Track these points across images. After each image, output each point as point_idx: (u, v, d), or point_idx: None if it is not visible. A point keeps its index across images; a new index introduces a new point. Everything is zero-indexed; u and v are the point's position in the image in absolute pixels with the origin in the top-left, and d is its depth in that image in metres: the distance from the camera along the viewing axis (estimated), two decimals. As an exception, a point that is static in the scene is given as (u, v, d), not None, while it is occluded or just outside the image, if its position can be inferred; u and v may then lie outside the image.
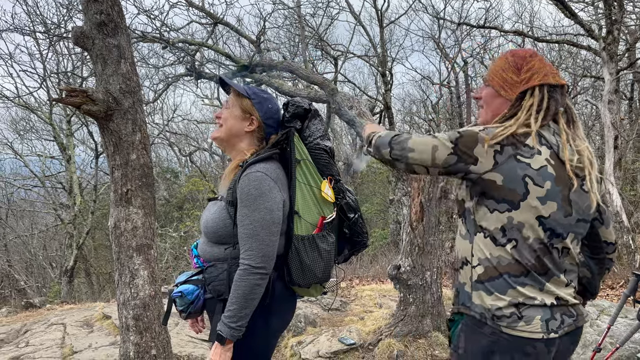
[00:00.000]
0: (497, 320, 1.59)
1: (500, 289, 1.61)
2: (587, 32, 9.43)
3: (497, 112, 1.74)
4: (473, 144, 1.59)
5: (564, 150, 1.63)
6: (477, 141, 1.58)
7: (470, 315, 1.67)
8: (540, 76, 1.68)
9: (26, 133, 16.84)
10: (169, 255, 14.79)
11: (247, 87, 2.00)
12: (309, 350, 4.42)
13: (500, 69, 1.75)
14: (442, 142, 1.61)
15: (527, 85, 1.68)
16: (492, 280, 1.62)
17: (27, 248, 16.84)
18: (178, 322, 5.48)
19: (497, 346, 1.60)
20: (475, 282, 1.66)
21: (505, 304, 1.59)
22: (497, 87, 1.75)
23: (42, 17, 10.48)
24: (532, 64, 1.71)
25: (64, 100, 3.23)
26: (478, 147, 1.58)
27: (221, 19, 7.13)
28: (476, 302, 1.65)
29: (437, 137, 1.63)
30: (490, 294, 1.62)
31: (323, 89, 5.71)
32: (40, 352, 4.96)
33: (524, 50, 1.77)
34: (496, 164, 1.57)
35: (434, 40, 15.18)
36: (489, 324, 1.61)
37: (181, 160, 23.65)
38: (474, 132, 1.61)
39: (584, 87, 14.62)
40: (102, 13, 3.34)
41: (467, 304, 1.69)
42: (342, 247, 2.09)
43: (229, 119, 1.97)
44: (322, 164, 1.98)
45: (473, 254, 1.68)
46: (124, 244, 3.47)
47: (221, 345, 1.78)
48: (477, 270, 1.66)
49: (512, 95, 1.70)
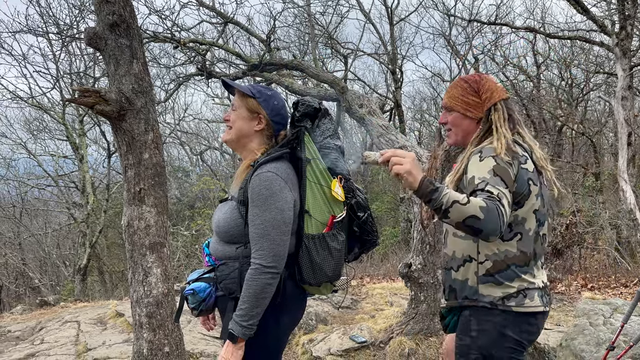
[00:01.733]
0: (507, 302, 1.88)
1: (510, 278, 1.89)
2: (600, 27, 9.33)
3: (467, 131, 2.03)
4: (508, 176, 1.81)
5: (535, 152, 1.95)
6: (507, 171, 1.81)
7: (479, 305, 1.91)
8: (497, 93, 1.98)
9: (39, 133, 17.02)
10: (181, 254, 14.89)
11: (250, 87, 2.01)
12: (320, 347, 4.44)
13: (460, 94, 2.01)
14: (507, 195, 1.76)
15: (490, 103, 1.97)
16: (501, 272, 1.89)
17: (41, 247, 17.03)
18: (190, 319, 5.53)
19: (508, 322, 1.89)
20: (482, 275, 1.91)
21: (515, 290, 1.88)
22: (462, 110, 2.01)
23: (54, 18, 10.56)
24: (487, 85, 2.00)
25: (78, 101, 3.27)
26: (510, 172, 1.81)
27: (231, 18, 7.15)
28: (484, 293, 1.91)
29: (505, 194, 1.75)
30: (500, 284, 1.89)
31: (333, 88, 5.71)
32: (55, 349, 5.03)
33: (473, 75, 2.07)
34: (515, 176, 1.84)
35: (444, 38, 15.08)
36: (499, 308, 1.88)
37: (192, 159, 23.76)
38: (497, 166, 1.80)
39: (597, 83, 14.46)
40: (114, 14, 3.37)
41: (472, 297, 1.93)
42: (352, 246, 2.09)
43: (237, 121, 1.98)
44: (333, 163, 1.99)
45: (479, 251, 1.92)
46: (137, 242, 3.50)
47: (233, 344, 1.80)
48: (485, 265, 1.91)
49: (479, 115, 1.99)
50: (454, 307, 2.05)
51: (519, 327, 1.90)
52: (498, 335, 1.90)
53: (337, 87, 5.49)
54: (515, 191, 1.84)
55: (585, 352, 3.23)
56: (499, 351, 1.91)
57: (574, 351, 3.31)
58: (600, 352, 3.14)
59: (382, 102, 15.60)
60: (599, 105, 16.30)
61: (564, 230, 7.43)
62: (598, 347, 3.23)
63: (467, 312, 1.96)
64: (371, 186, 18.51)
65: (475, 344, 1.93)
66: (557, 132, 14.04)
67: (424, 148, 4.47)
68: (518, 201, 1.86)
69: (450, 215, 1.70)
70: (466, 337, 1.96)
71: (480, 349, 1.92)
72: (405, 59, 16.60)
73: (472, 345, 1.94)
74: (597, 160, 12.58)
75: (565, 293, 6.56)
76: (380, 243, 2.96)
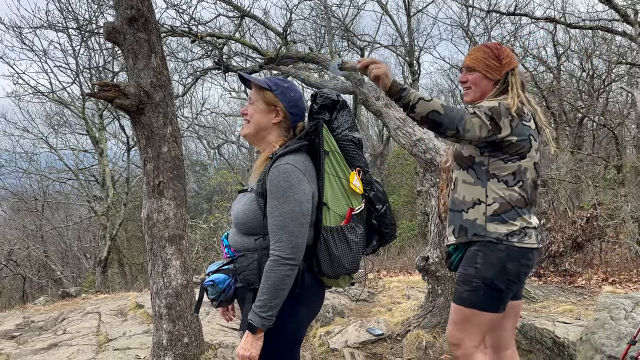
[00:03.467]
0: (510, 238, 2.22)
1: (513, 218, 2.24)
2: (622, 17, 9.14)
3: (485, 91, 2.32)
4: (499, 117, 2.13)
5: (537, 114, 2.32)
6: (501, 114, 2.14)
7: (485, 240, 2.24)
8: (514, 60, 2.32)
9: (60, 127, 17.26)
10: (199, 246, 15.03)
11: (267, 79, 2.01)
12: (337, 340, 4.45)
13: (482, 57, 2.31)
14: (484, 120, 2.11)
15: (509, 67, 2.29)
16: (507, 212, 2.24)
17: (62, 239, 17.32)
18: (209, 311, 5.58)
19: (509, 256, 2.22)
20: (490, 215, 2.25)
21: (517, 228, 2.23)
22: (483, 71, 2.30)
23: (74, 14, 10.70)
24: (506, 52, 2.32)
25: (98, 95, 3.31)
26: (502, 119, 2.14)
27: (248, 11, 7.16)
28: (491, 230, 2.24)
29: (479, 116, 2.11)
30: (505, 222, 2.23)
31: (349, 80, 5.69)
32: (77, 339, 5.13)
33: (494, 43, 2.40)
34: (512, 129, 2.17)
35: (462, 29, 14.91)
36: (504, 242, 2.22)
37: (210, 152, 23.94)
38: (497, 107, 2.15)
39: (619, 74, 14.17)
40: (132, 8, 3.40)
41: (481, 233, 2.26)
42: (370, 238, 2.09)
43: (254, 114, 1.98)
44: (351, 155, 1.99)
45: (487, 194, 2.26)
46: (157, 234, 3.54)
47: (252, 334, 1.82)
48: (492, 206, 2.25)
49: (497, 77, 2.30)
50: (461, 244, 2.35)
51: (519, 261, 2.24)
52: (501, 268, 2.22)
53: (354, 80, 5.47)
54: (516, 143, 2.18)
55: (605, 347, 3.19)
56: (500, 282, 2.23)
57: (594, 345, 3.27)
58: (622, 347, 3.10)
59: (399, 95, 15.45)
60: (621, 96, 15.99)
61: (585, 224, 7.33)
62: (619, 342, 3.18)
63: (475, 247, 2.28)
64: (388, 179, 18.43)
65: (479, 274, 2.24)
66: (578, 124, 13.81)
67: (442, 141, 4.44)
68: (521, 154, 2.21)
69: (417, 109, 2.07)
70: (470, 268, 2.27)
71: (484, 279, 2.23)
72: (423, 50, 16.48)
73: (476, 275, 2.25)
74: (618, 152, 12.33)
75: (586, 287, 6.48)
76: (397, 236, 2.96)
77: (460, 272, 2.34)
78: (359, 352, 4.20)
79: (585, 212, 7.64)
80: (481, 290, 2.25)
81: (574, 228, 7.34)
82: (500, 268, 2.22)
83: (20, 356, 4.69)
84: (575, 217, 7.68)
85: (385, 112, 4.97)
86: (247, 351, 1.82)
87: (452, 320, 2.41)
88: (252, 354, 1.82)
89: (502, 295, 2.27)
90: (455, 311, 2.37)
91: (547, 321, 4.11)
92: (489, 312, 2.28)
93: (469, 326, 2.31)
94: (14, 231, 17.43)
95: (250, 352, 1.82)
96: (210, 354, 3.78)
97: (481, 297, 2.26)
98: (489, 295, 2.26)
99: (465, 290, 2.29)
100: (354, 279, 2.07)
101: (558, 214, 8.39)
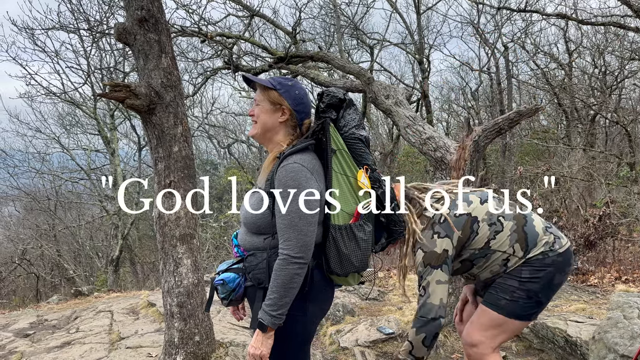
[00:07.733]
0: (552, 247, 2.30)
1: (535, 238, 2.31)
2: (635, 12, 9.02)
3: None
4: (437, 263, 2.32)
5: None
6: (434, 259, 2.34)
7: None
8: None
9: (72, 127, 17.45)
10: (210, 245, 15.10)
11: (270, 79, 2.01)
12: (347, 338, 4.45)
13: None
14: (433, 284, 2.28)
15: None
16: (528, 242, 2.30)
17: (75, 238, 17.49)
18: (220, 309, 5.61)
19: (557, 269, 2.28)
20: (522, 256, 2.28)
21: (548, 239, 2.31)
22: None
23: (85, 15, 10.77)
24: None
25: (109, 95, 3.33)
26: (440, 260, 2.33)
27: (257, 11, 7.19)
28: (532, 255, 2.28)
29: (425, 287, 2.30)
30: (535, 245, 2.29)
31: (359, 79, 5.68)
32: (90, 337, 5.18)
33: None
34: (451, 256, 2.36)
35: (472, 26, 14.81)
36: (550, 256, 2.28)
37: (220, 152, 24.03)
38: (429, 256, 2.32)
39: (632, 70, 14.00)
40: (142, 9, 3.42)
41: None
42: (379, 236, 2.10)
43: (261, 115, 1.99)
44: (358, 153, 1.99)
45: (504, 253, 2.31)
46: (168, 233, 3.57)
47: (262, 333, 1.83)
48: (515, 249, 2.28)
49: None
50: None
51: (564, 270, 2.30)
52: (547, 282, 2.26)
53: (363, 78, 5.46)
54: (465, 247, 2.32)
55: (618, 346, 3.16)
56: (544, 296, 2.27)
57: (607, 344, 3.24)
58: (635, 346, 3.06)
59: (409, 93, 15.37)
60: (634, 93, 15.79)
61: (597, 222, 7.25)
62: (632, 341, 3.15)
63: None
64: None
65: (523, 287, 2.25)
66: (590, 121, 13.67)
67: (452, 139, 4.42)
68: (470, 238, 2.30)
69: (416, 353, 2.26)
70: (513, 280, 2.28)
71: (528, 292, 2.25)
72: (433, 48, 16.35)
73: (519, 287, 2.26)
74: (632, 149, 12.19)
75: (598, 285, 6.41)
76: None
77: (499, 281, 2.32)
78: (370, 351, 4.20)
79: (597, 210, 7.56)
80: (521, 301, 2.25)
81: (587, 226, 7.26)
82: (546, 282, 2.24)
83: (34, 354, 4.74)
84: (587, 215, 7.60)
85: (395, 110, 4.96)
86: (258, 350, 1.83)
87: (477, 321, 2.37)
88: (262, 352, 1.83)
89: (541, 307, 2.29)
90: (485, 314, 2.34)
91: (559, 320, 4.08)
92: (524, 321, 2.29)
93: (496, 331, 2.31)
94: (28, 230, 17.65)
95: (261, 350, 1.83)
96: (222, 352, 3.80)
97: (519, 308, 2.26)
98: (529, 306, 2.26)
99: (504, 298, 2.28)
100: (364, 277, 2.07)
101: (570, 212, 8.32)
